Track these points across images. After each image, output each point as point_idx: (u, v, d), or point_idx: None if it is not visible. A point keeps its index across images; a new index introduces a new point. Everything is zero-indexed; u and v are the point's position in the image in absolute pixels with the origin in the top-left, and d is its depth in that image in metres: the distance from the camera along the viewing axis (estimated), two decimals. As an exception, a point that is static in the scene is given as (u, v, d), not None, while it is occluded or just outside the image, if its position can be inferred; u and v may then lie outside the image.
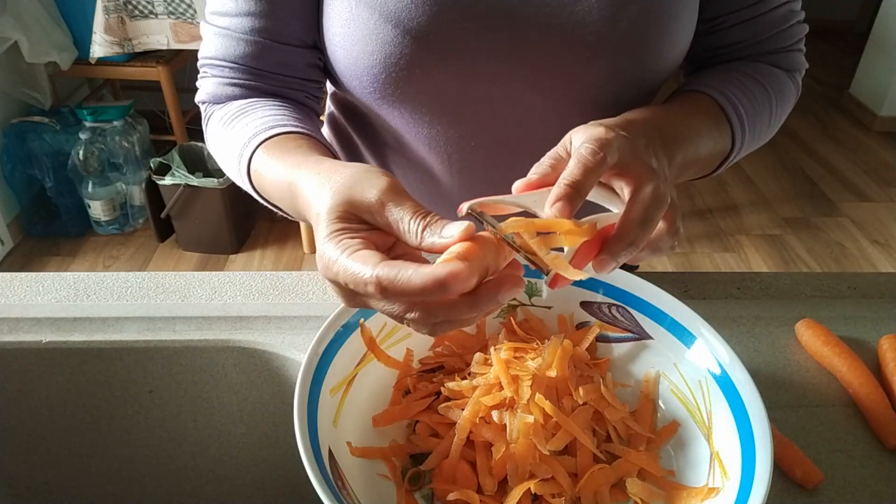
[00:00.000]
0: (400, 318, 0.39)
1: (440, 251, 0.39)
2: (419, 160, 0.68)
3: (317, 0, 0.61)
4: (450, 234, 0.39)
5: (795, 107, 0.73)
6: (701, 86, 0.64)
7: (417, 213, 0.40)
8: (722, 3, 0.64)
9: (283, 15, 0.60)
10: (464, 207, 0.42)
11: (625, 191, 0.46)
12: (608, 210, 0.49)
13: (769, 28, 0.66)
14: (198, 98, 0.67)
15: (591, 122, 0.49)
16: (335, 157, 0.58)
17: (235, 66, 0.62)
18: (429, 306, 0.38)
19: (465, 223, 0.39)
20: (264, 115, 0.60)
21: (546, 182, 0.45)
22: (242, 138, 0.58)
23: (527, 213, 0.44)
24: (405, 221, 0.40)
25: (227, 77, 0.63)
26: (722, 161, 0.64)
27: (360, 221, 0.42)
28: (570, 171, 0.43)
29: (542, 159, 0.47)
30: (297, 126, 0.58)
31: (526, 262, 0.42)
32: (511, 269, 0.42)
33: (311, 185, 0.46)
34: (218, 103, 0.65)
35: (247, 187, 0.60)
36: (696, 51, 0.67)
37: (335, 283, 0.41)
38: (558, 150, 0.48)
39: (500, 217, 0.42)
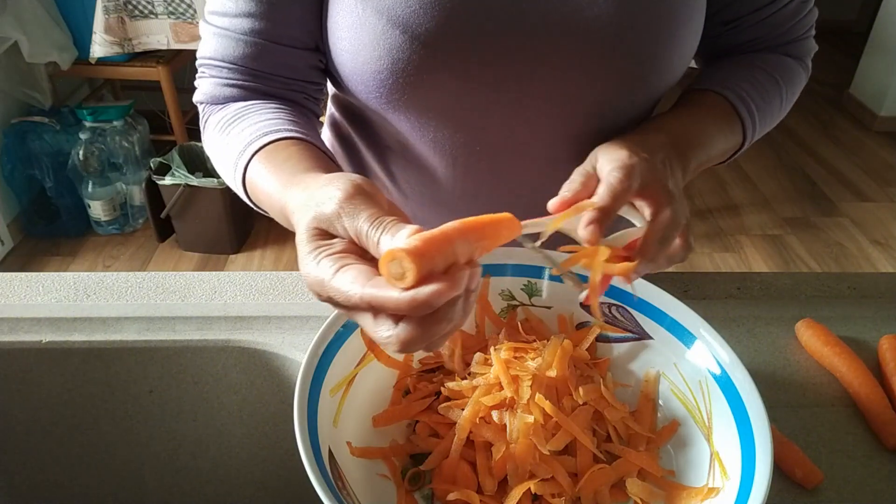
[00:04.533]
0: (391, 343, 0.38)
1: None
2: (423, 163, 0.68)
3: (319, 3, 0.60)
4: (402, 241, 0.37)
5: (795, 106, 0.74)
6: (713, 84, 0.66)
7: (373, 223, 0.39)
8: (741, 6, 0.65)
9: (282, 17, 0.59)
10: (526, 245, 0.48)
11: (646, 212, 0.51)
12: (627, 218, 0.53)
13: (783, 23, 0.67)
14: (195, 98, 0.66)
15: (615, 142, 0.53)
16: (330, 157, 0.58)
17: (234, 66, 0.62)
18: (419, 321, 0.37)
19: (412, 227, 0.38)
20: (258, 121, 0.59)
21: (578, 199, 0.49)
22: (237, 147, 0.58)
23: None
24: (363, 233, 0.40)
25: (225, 78, 0.63)
26: (732, 153, 0.67)
27: (331, 236, 0.41)
28: (601, 198, 0.48)
29: (573, 177, 0.52)
30: (290, 131, 0.58)
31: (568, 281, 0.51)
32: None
33: (295, 208, 0.46)
34: (216, 104, 0.65)
35: (245, 199, 0.61)
36: (711, 50, 0.68)
37: (332, 303, 0.40)
38: (585, 167, 0.52)
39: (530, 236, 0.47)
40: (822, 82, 3.80)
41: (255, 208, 0.61)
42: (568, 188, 0.50)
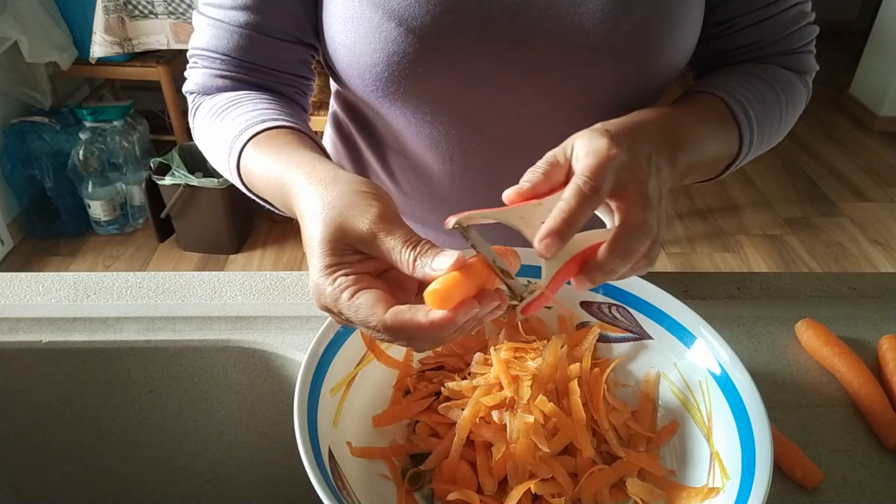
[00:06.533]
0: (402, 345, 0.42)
1: (432, 281, 0.40)
2: (420, 161, 0.68)
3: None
4: (440, 266, 0.40)
5: (796, 106, 0.72)
6: (710, 87, 0.63)
7: (408, 243, 0.41)
8: (735, 5, 0.63)
9: (275, 10, 0.60)
10: (451, 221, 0.42)
11: (616, 216, 0.45)
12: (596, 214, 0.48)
13: (780, 30, 0.65)
14: (186, 88, 0.67)
15: (596, 127, 0.48)
16: (324, 151, 0.58)
17: (226, 58, 0.62)
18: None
19: (455, 254, 0.40)
20: (255, 109, 0.59)
21: (536, 193, 0.44)
22: (232, 131, 0.58)
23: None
24: (397, 251, 0.41)
25: (217, 68, 0.63)
26: (728, 164, 0.63)
27: (353, 252, 0.42)
28: (567, 203, 0.42)
29: (538, 164, 0.46)
30: (287, 120, 0.58)
31: (502, 284, 0.43)
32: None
33: (305, 197, 0.46)
34: (206, 94, 0.65)
35: (235, 181, 0.60)
36: (704, 54, 0.66)
37: (331, 312, 0.43)
38: (557, 154, 0.46)
39: (480, 227, 0.43)
40: (822, 82, 3.77)
41: (245, 191, 0.60)
42: (529, 177, 0.44)
